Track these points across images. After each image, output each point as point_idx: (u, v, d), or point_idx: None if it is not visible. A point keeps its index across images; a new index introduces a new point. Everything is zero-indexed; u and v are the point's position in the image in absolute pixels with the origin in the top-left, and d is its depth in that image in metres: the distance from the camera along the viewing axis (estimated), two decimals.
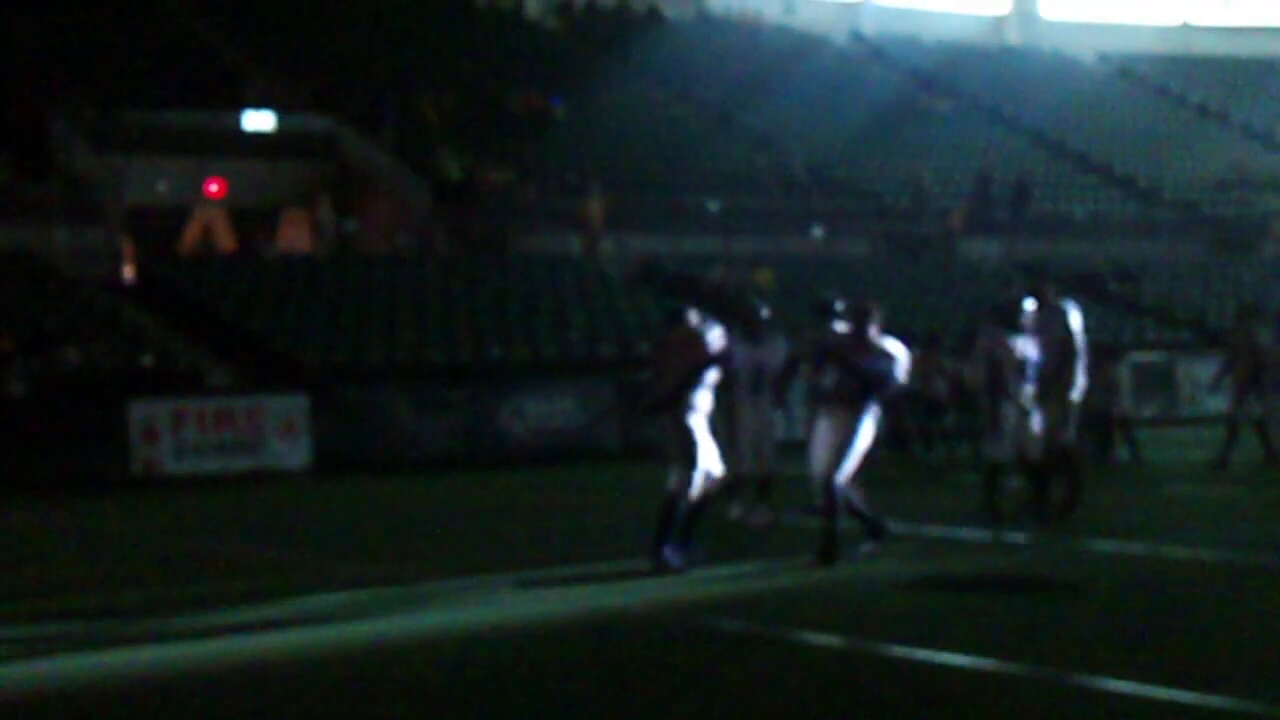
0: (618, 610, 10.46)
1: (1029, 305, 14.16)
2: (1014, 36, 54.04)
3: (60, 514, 18.51)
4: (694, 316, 12.15)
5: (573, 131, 36.91)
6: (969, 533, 13.62)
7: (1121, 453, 20.56)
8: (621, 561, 12.29)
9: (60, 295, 26.06)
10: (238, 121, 33.67)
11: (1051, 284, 15.54)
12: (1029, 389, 13.95)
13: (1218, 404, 21.61)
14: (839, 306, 13.93)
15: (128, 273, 29.10)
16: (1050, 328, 14.42)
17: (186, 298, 27.31)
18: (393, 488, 20.65)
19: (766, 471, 14.68)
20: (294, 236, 34.95)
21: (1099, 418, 20.05)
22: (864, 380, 11.95)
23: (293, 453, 22.75)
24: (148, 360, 24.01)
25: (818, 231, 35.20)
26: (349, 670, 8.78)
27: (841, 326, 12.72)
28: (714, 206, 34.55)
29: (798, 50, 46.44)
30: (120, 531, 16.87)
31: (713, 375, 11.99)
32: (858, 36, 50.57)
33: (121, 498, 20.16)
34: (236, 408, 22.79)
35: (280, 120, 34.03)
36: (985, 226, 37.45)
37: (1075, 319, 14.57)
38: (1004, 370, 13.98)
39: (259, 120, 33.85)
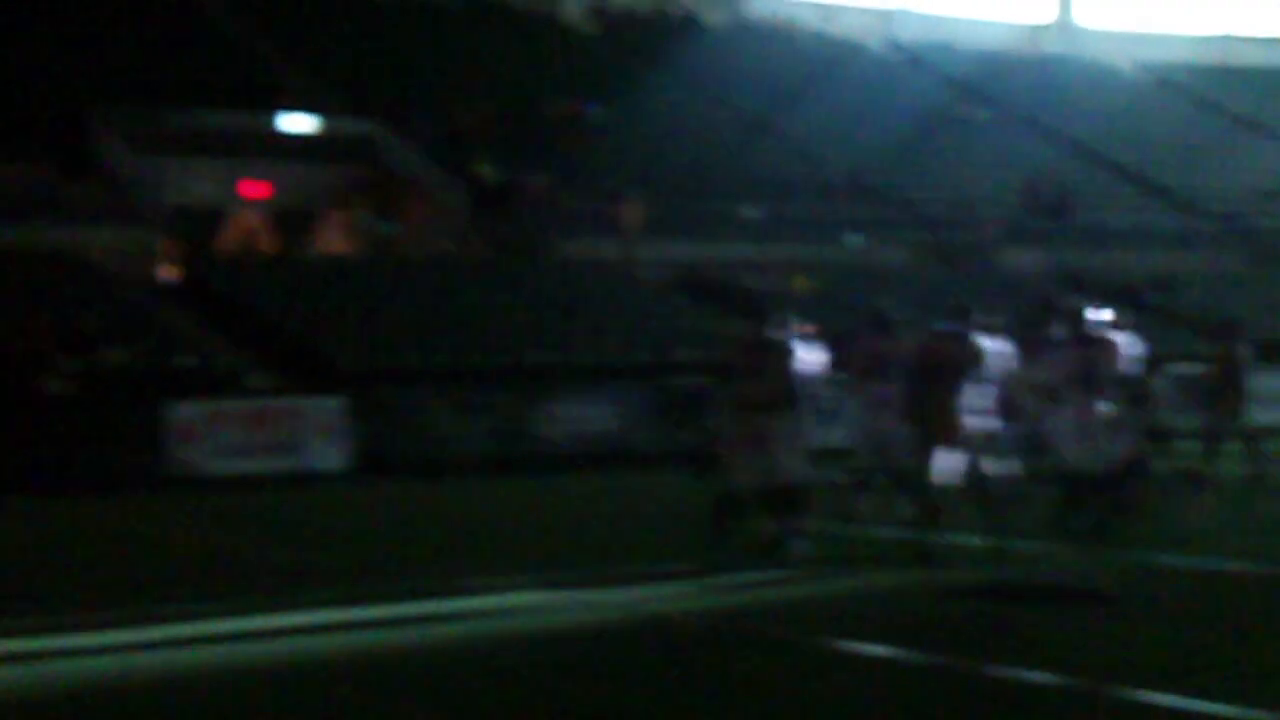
0: (658, 615, 10.47)
1: (1088, 314, 14.09)
2: (1052, 45, 53.84)
3: (97, 513, 18.61)
4: (774, 326, 12.88)
5: (610, 137, 36.94)
6: (1010, 543, 13.55)
7: (1159, 465, 20.42)
8: (660, 566, 12.30)
9: (100, 295, 26.19)
10: (277, 124, 33.85)
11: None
12: (1106, 405, 13.79)
13: (1263, 416, 21.42)
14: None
15: (167, 273, 29.25)
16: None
17: (225, 299, 27.44)
18: (428, 491, 20.69)
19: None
20: (332, 239, 35.10)
21: None
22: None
23: (330, 454, 22.79)
24: (186, 361, 24.12)
25: (855, 239, 35.12)
26: (385, 674, 8.80)
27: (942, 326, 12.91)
28: (751, 213, 34.53)
29: (835, 57, 46.37)
30: (155, 532, 16.94)
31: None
32: (895, 44, 50.48)
33: (158, 498, 20.25)
34: (274, 409, 22.87)
35: (319, 123, 34.21)
36: (1023, 236, 37.34)
37: None
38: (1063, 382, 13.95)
39: (298, 123, 34.03)
